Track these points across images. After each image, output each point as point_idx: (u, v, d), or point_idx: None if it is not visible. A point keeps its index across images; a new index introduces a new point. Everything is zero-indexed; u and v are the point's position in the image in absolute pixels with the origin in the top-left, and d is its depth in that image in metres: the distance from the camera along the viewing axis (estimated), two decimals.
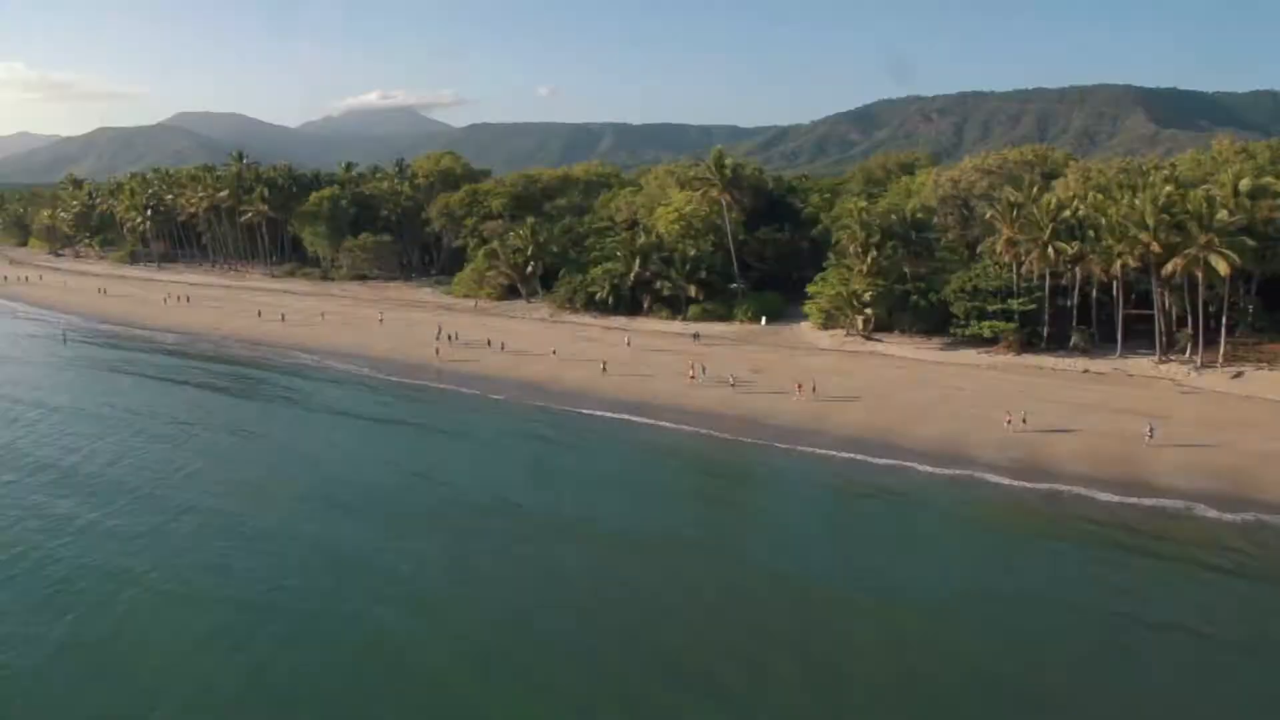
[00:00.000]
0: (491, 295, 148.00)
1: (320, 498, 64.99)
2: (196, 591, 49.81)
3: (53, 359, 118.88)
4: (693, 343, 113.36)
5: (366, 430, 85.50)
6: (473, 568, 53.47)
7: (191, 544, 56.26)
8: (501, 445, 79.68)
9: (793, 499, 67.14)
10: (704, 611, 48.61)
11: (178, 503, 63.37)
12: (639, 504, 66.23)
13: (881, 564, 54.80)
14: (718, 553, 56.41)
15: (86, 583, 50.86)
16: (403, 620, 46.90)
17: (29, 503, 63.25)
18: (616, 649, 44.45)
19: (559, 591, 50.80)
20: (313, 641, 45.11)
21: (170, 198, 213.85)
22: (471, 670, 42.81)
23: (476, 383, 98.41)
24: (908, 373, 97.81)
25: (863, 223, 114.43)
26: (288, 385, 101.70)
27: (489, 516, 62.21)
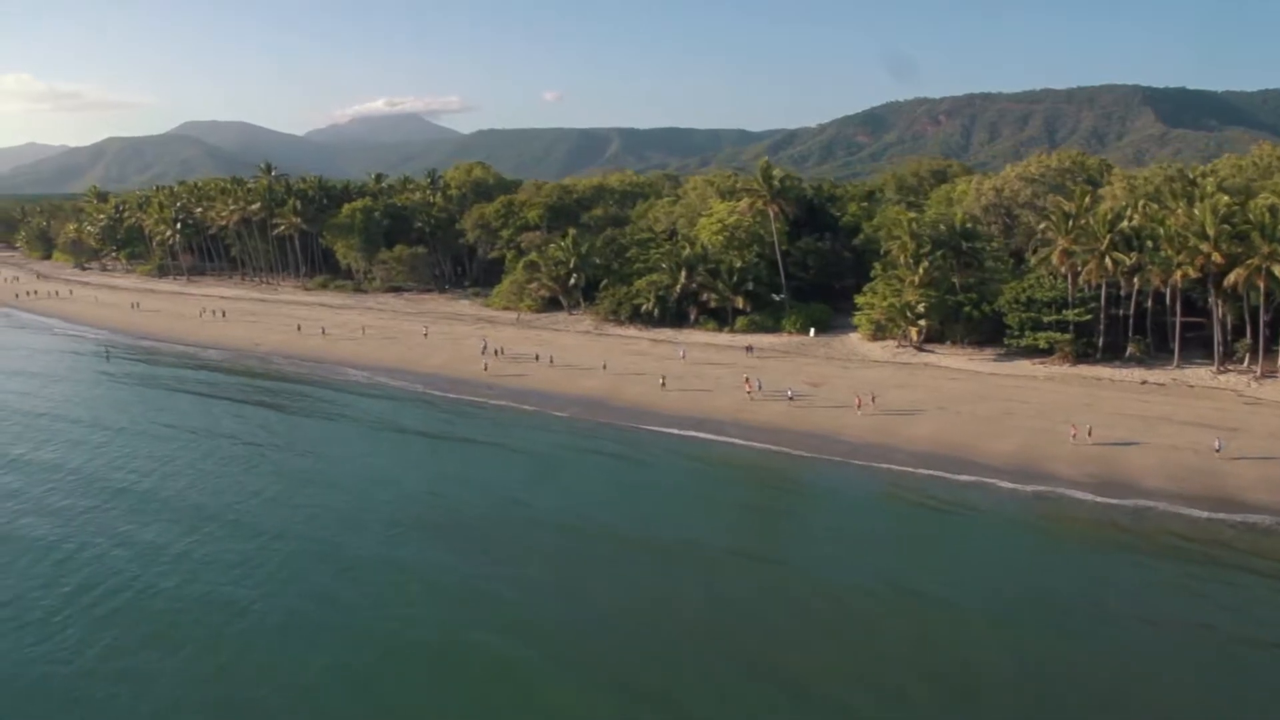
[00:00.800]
0: (532, 307, 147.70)
1: (409, 521, 64.55)
2: (308, 624, 49.33)
3: (101, 377, 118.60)
4: (745, 355, 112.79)
5: (437, 449, 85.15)
6: (583, 593, 53.01)
7: (291, 572, 55.80)
8: (576, 464, 79.14)
9: (885, 517, 66.62)
10: (829, 637, 48.19)
11: (266, 528, 62.92)
12: (735, 525, 66.13)
13: (993, 583, 54.44)
14: (826, 574, 55.77)
15: (193, 615, 50.33)
16: (523, 649, 46.44)
17: (117, 531, 62.75)
18: (744, 673, 44.16)
19: (675, 616, 50.29)
20: (438, 675, 44.74)
21: (199, 210, 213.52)
22: (606, 701, 42.41)
23: (534, 398, 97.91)
24: (966, 385, 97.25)
25: (913, 233, 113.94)
26: (344, 402, 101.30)
27: (582, 538, 61.95)
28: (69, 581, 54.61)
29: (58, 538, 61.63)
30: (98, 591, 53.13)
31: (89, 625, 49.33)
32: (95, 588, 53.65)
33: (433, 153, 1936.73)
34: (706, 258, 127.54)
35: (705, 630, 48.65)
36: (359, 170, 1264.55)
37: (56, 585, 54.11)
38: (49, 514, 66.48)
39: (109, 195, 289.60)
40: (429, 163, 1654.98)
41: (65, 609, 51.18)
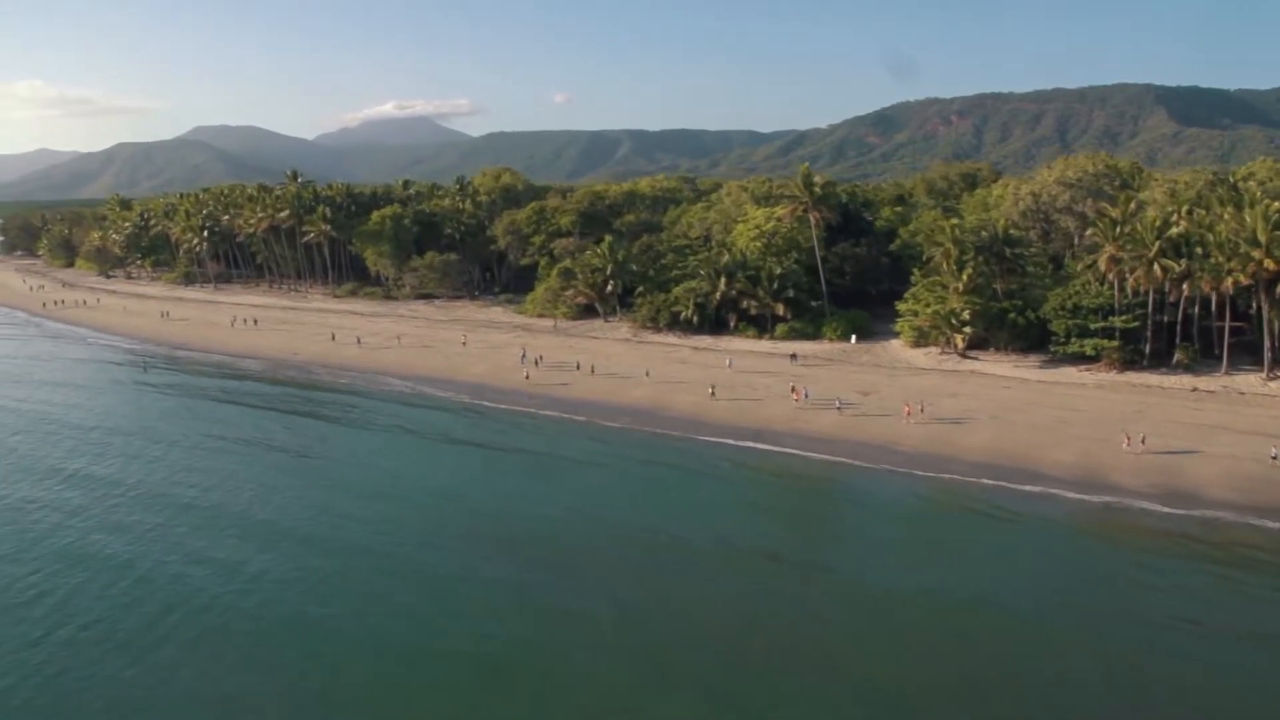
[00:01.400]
0: (568, 314, 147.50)
1: (483, 536, 64.49)
2: (403, 644, 49.08)
3: (143, 388, 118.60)
4: (791, 364, 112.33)
5: (495, 460, 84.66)
6: (674, 609, 52.85)
7: (375, 591, 55.61)
8: (640, 476, 79.02)
9: (959, 529, 65.96)
10: (923, 652, 47.97)
11: (341, 544, 62.82)
12: (811, 538, 66.37)
13: (1080, 597, 54.13)
14: (911, 588, 55.40)
15: (284, 637, 50.20)
16: (625, 670, 46.47)
17: (190, 548, 62.60)
18: (849, 692, 44.12)
19: (770, 634, 50.09)
20: (546, 699, 44.34)
21: (226, 218, 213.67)
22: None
23: (583, 409, 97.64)
24: (1016, 393, 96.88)
25: (956, 239, 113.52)
26: (392, 412, 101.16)
27: (661, 552, 61.92)
28: (151, 601, 54.37)
29: (132, 555, 61.48)
30: (182, 612, 52.90)
31: (179, 647, 49.09)
32: (178, 608, 53.45)
33: (442, 156, 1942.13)
34: (746, 264, 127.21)
35: (800, 648, 48.48)
36: (369, 174, 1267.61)
37: (139, 606, 53.90)
38: (119, 531, 66.33)
39: (132, 202, 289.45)
40: (439, 166, 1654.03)
41: (152, 630, 50.94)
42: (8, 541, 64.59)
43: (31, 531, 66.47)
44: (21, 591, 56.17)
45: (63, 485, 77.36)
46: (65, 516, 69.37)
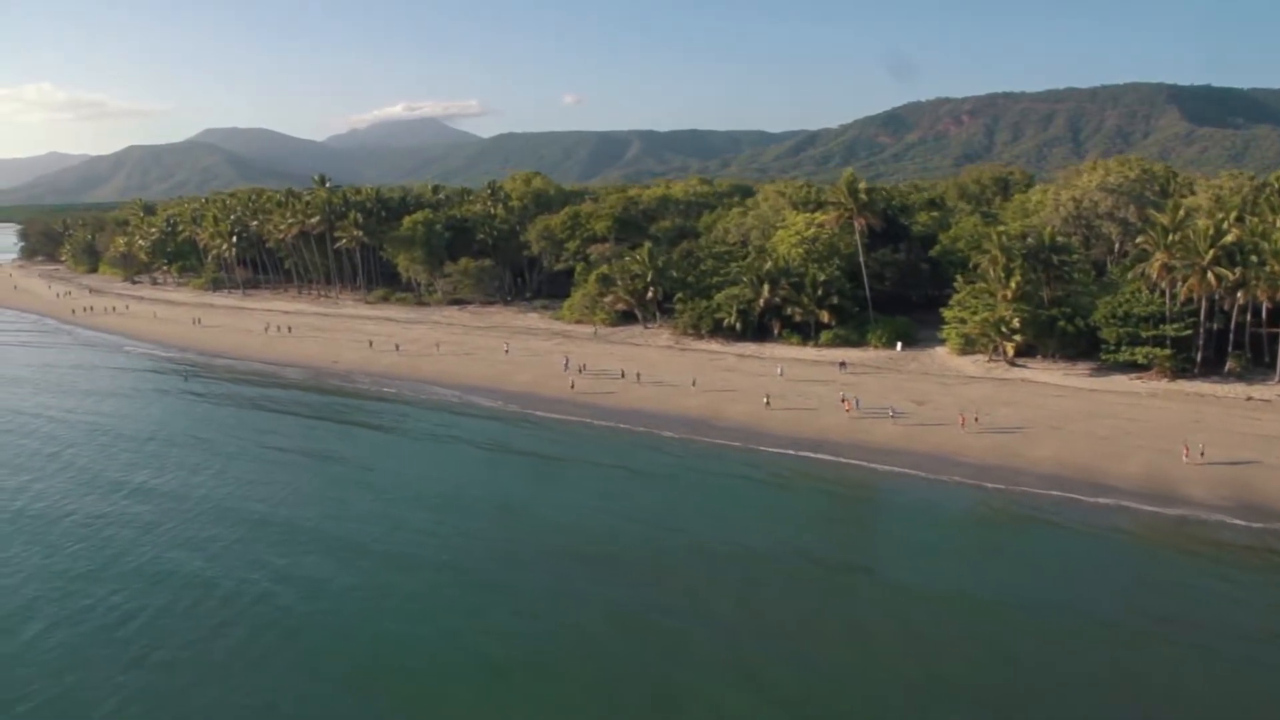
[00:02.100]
0: (606, 321, 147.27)
1: (563, 551, 64.08)
2: (503, 664, 48.81)
3: (189, 398, 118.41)
4: (840, 372, 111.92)
5: (558, 472, 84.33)
6: (771, 626, 52.59)
7: (468, 608, 55.35)
8: (707, 486, 78.69)
9: (1047, 544, 65.23)
10: (1037, 673, 47.67)
11: (424, 560, 62.55)
12: (897, 554, 65.12)
13: (1185, 616, 53.65)
14: (1013, 605, 55.21)
15: (380, 658, 49.74)
16: (729, 686, 46.25)
17: (270, 565, 62.20)
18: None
19: (876, 654, 49.77)
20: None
21: (255, 224, 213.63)
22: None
23: (636, 418, 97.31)
24: (1071, 402, 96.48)
25: (1003, 246, 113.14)
26: (445, 422, 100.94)
27: (746, 566, 61.62)
28: (242, 622, 54.02)
29: (213, 573, 61.18)
30: (275, 633, 52.60)
31: (278, 671, 48.77)
32: (269, 628, 53.18)
33: (452, 157, 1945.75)
34: (789, 271, 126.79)
35: (902, 665, 48.22)
36: (379, 175, 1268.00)
37: (230, 627, 53.53)
38: (194, 547, 66.03)
39: (155, 207, 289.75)
40: (449, 167, 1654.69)
41: (247, 652, 50.64)
42: (86, 559, 64.29)
43: (108, 548, 66.14)
44: (109, 612, 55.83)
45: (129, 499, 77.02)
46: (139, 532, 69.05)
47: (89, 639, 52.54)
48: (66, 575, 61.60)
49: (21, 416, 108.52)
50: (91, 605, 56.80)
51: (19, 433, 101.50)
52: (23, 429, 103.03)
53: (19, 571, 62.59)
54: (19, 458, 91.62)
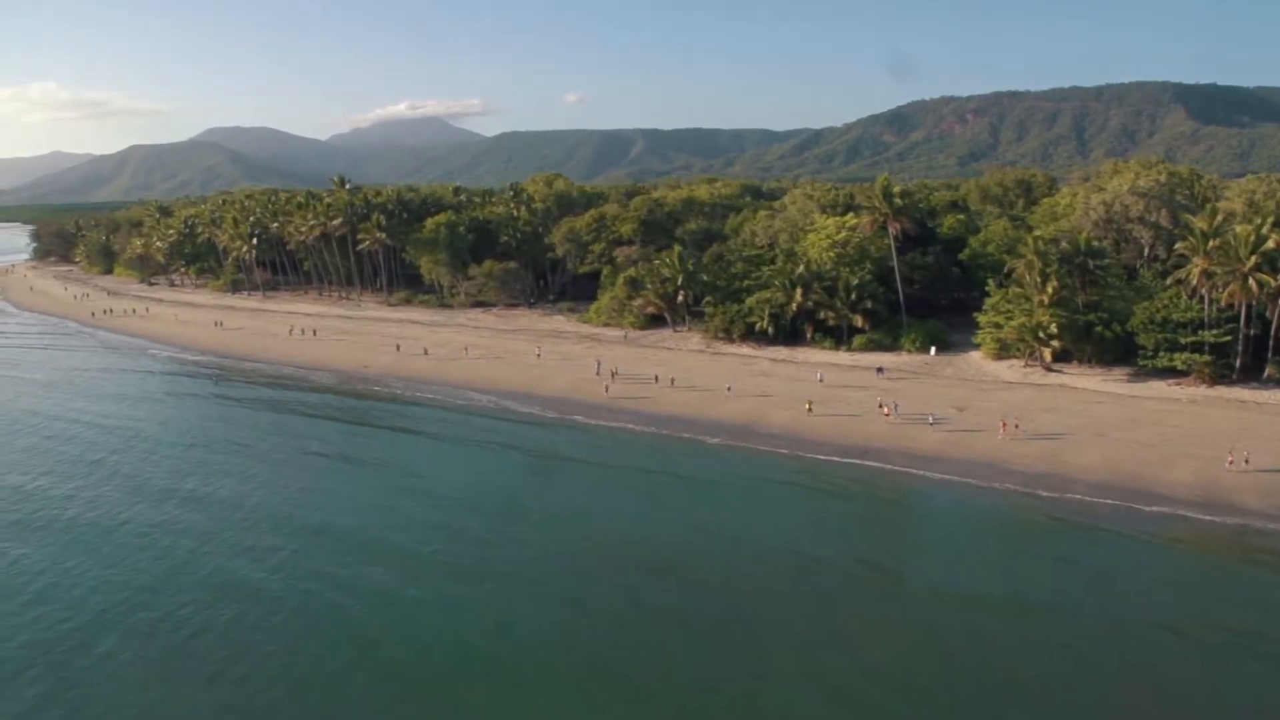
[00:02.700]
0: (635, 324, 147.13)
1: (632, 562, 63.82)
2: (588, 679, 48.85)
3: (224, 403, 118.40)
4: (877, 377, 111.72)
5: (610, 479, 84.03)
6: (850, 640, 52.48)
7: (543, 621, 55.33)
8: (761, 494, 78.55)
9: (1113, 554, 64.59)
10: (1125, 687, 47.56)
11: (489, 571, 62.49)
12: (970, 565, 64.51)
13: (1269, 628, 53.65)
14: (1092, 618, 55.05)
15: (460, 673, 49.76)
16: (818, 703, 46.27)
17: (336, 577, 61.99)
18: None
19: (973, 672, 49.68)
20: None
21: (275, 225, 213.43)
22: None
23: (678, 424, 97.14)
24: (1113, 409, 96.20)
25: (1039, 251, 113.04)
26: (487, 428, 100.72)
27: (809, 576, 61.65)
28: (315, 636, 53.90)
29: (279, 585, 61.10)
30: (352, 648, 52.40)
31: (359, 687, 48.78)
32: (345, 643, 52.97)
33: (455, 156, 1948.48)
34: (821, 275, 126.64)
35: (987, 676, 48.23)
36: (382, 174, 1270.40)
37: (305, 641, 53.49)
38: (256, 557, 65.93)
39: (171, 208, 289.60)
40: (452, 166, 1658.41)
41: (325, 667, 50.59)
42: (148, 570, 64.23)
43: (168, 559, 66.11)
44: (180, 625, 55.72)
45: (182, 508, 76.98)
46: (197, 542, 69.04)
47: (165, 653, 52.50)
48: (131, 586, 61.56)
49: (59, 422, 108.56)
50: (161, 618, 56.75)
51: (60, 438, 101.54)
52: (62, 435, 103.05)
53: (83, 583, 62.53)
54: (63, 464, 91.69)
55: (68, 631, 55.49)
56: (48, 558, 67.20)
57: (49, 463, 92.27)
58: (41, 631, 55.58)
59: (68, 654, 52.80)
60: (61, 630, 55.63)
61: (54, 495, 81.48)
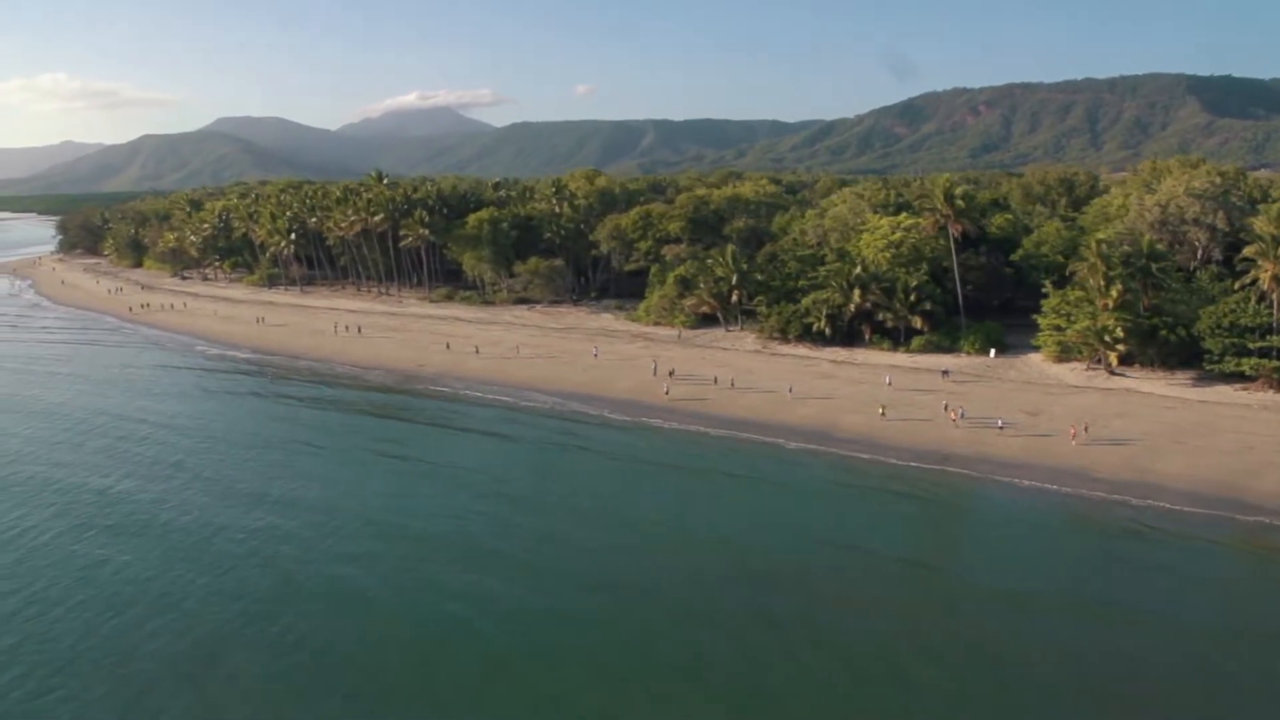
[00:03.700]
0: (686, 323, 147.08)
1: (750, 572, 63.79)
2: (744, 693, 49.21)
3: (286, 402, 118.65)
4: (943, 380, 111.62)
5: (704, 486, 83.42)
6: (996, 659, 52.63)
7: (667, 631, 55.65)
8: (853, 500, 78.92)
9: (1221, 563, 65.66)
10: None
11: (605, 580, 62.72)
12: (1079, 572, 64.98)
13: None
14: (1233, 633, 55.24)
15: (611, 690, 50.02)
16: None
17: (453, 588, 61.57)
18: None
19: (1090, 675, 49.93)
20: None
21: (314, 220, 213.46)
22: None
23: (752, 428, 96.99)
24: (1185, 414, 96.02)
25: (1102, 255, 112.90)
26: (559, 430, 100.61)
27: (929, 587, 62.32)
28: (446, 651, 53.96)
29: (394, 595, 61.13)
30: (484, 663, 52.47)
31: (506, 703, 49.13)
32: (479, 659, 52.86)
33: (466, 146, 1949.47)
34: (879, 276, 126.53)
35: (1129, 694, 48.28)
36: (393, 164, 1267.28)
37: (437, 654, 53.85)
38: (364, 565, 66.01)
39: (203, 202, 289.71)
40: (462, 156, 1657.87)
41: (465, 683, 50.91)
42: (257, 580, 64.14)
43: (273, 568, 65.99)
44: (303, 639, 55.57)
45: (274, 513, 76.90)
46: (300, 550, 69.05)
47: (294, 669, 52.58)
48: (245, 596, 61.68)
49: (127, 422, 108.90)
50: (283, 632, 56.76)
51: (132, 439, 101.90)
52: (133, 435, 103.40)
53: (193, 593, 62.52)
54: (141, 466, 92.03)
55: (191, 645, 55.51)
56: (152, 566, 67.27)
57: (127, 465, 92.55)
58: (165, 644, 55.57)
59: (197, 669, 52.80)
60: (184, 644, 55.60)
61: (141, 499, 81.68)
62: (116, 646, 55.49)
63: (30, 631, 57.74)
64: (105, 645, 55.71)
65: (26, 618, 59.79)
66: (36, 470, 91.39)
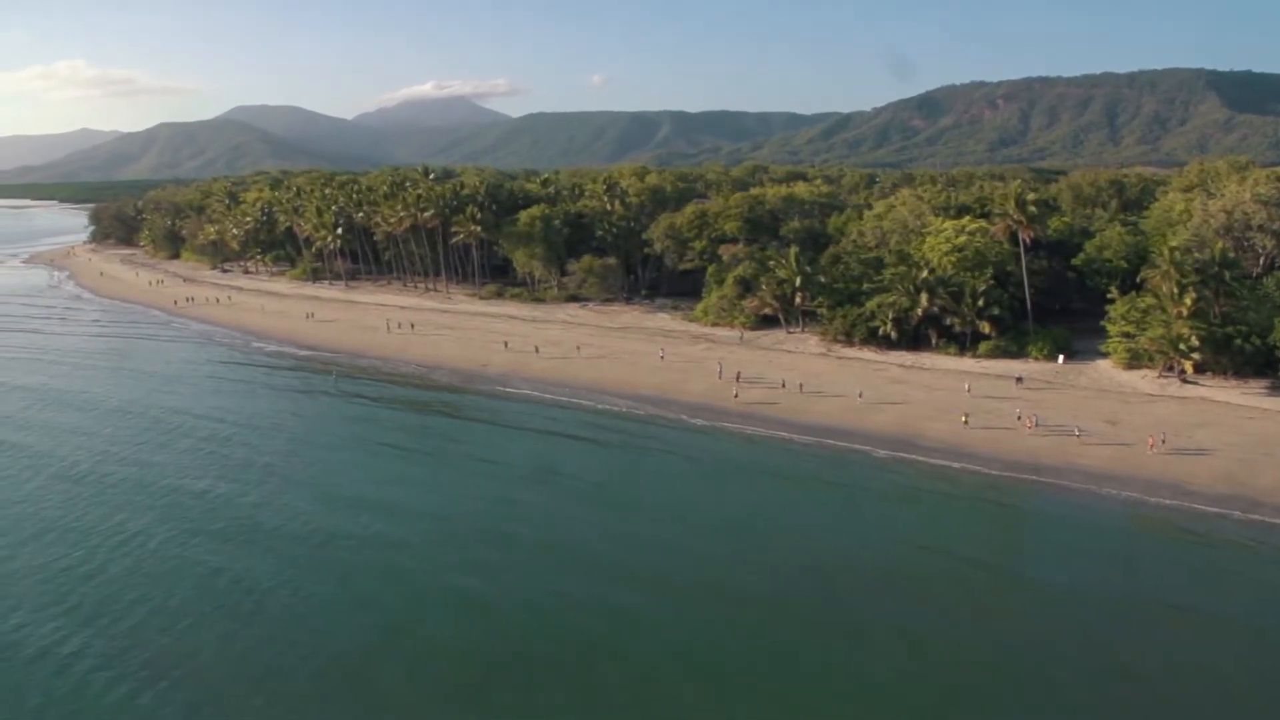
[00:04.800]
0: (746, 324, 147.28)
1: (880, 586, 64.49)
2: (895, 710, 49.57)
3: (358, 402, 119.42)
4: (1016, 386, 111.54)
5: (811, 496, 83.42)
6: (1138, 673, 53.13)
7: (833, 650, 56.19)
8: (956, 511, 79.38)
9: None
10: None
11: (744, 593, 63.00)
12: (1216, 590, 65.28)
13: None
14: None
15: (758, 708, 50.57)
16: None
17: (581, 599, 62.04)
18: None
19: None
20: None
21: (360, 215, 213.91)
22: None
23: (834, 434, 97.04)
24: (1266, 424, 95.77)
25: (1176, 263, 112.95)
26: (643, 435, 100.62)
27: (1062, 603, 62.86)
28: (595, 671, 54.42)
29: (529, 612, 61.14)
30: (626, 676, 53.43)
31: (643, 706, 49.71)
32: (636, 677, 53.57)
33: (481, 137, 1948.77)
34: (946, 280, 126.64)
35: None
36: (409, 154, 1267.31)
37: (572, 664, 54.68)
38: (484, 574, 66.58)
39: (240, 195, 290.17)
40: (478, 146, 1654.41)
41: (624, 704, 51.48)
42: (379, 591, 64.66)
43: (395, 578, 66.37)
44: (456, 656, 56.06)
45: (380, 519, 77.10)
46: (418, 560, 69.04)
47: (440, 681, 53.42)
48: (373, 609, 62.19)
49: (206, 421, 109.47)
50: (430, 648, 56.97)
51: (215, 439, 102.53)
52: (216, 435, 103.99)
53: (319, 605, 62.84)
54: (232, 469, 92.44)
55: (331, 659, 55.86)
56: (270, 575, 67.22)
57: (218, 466, 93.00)
58: (305, 659, 55.76)
59: (345, 684, 53.26)
60: (323, 658, 55.87)
61: (243, 504, 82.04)
62: (257, 660, 55.78)
63: (163, 645, 57.66)
64: (245, 659, 55.98)
65: (157, 628, 59.84)
66: (129, 471, 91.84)
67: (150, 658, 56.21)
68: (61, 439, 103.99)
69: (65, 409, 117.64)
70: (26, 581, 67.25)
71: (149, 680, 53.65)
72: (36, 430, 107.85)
